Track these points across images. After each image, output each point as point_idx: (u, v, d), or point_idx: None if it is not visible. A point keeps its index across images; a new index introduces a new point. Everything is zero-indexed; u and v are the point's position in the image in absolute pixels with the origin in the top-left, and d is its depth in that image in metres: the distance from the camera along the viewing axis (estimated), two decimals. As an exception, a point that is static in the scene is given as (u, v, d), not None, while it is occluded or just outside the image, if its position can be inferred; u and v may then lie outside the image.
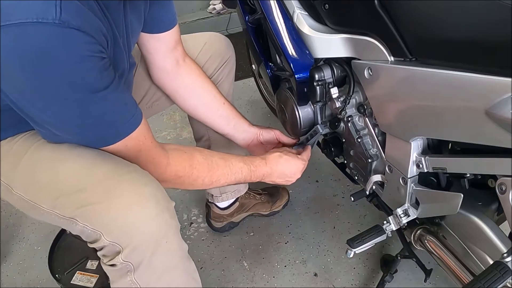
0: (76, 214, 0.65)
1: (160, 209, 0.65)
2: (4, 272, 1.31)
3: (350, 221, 1.36)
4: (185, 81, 0.98)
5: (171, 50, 0.93)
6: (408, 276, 1.17)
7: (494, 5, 0.59)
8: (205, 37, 1.09)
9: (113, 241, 0.63)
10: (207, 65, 1.07)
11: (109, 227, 0.63)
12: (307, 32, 0.94)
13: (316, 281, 1.20)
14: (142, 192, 0.64)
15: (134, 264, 0.65)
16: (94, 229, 0.64)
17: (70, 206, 0.65)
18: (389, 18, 0.74)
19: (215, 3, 2.73)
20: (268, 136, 1.07)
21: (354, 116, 0.96)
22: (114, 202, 0.62)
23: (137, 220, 0.63)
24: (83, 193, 0.64)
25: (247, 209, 1.36)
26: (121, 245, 0.63)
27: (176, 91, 1.00)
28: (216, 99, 1.01)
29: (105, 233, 0.63)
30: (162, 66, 0.95)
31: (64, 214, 0.66)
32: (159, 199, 0.66)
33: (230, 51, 1.13)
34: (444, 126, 0.69)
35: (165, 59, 0.94)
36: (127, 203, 0.62)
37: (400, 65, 0.74)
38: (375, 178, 0.95)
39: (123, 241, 0.63)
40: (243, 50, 2.03)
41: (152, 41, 0.90)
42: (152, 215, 0.64)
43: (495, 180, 0.66)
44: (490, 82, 0.57)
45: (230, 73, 1.14)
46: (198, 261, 1.29)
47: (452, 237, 0.85)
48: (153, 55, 0.93)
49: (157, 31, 0.88)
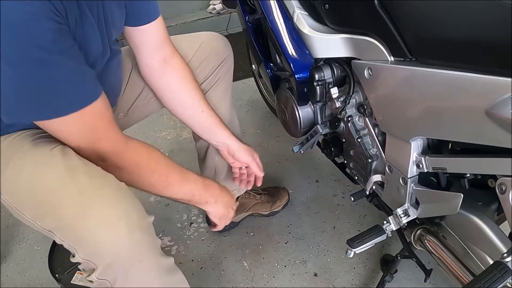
0: (53, 228, 0.65)
1: (131, 228, 0.63)
2: (4, 272, 1.31)
3: (350, 221, 1.36)
4: (170, 81, 0.97)
5: (158, 47, 0.93)
6: (408, 276, 1.17)
7: (494, 5, 0.59)
8: (201, 37, 1.09)
9: (87, 258, 0.63)
10: (204, 65, 1.06)
11: (82, 245, 0.62)
12: (307, 32, 0.94)
13: (316, 281, 1.20)
14: (114, 211, 0.63)
15: (110, 281, 0.65)
16: (69, 245, 0.64)
17: (47, 220, 0.65)
18: (389, 18, 0.74)
19: (215, 3, 2.73)
20: (241, 158, 1.08)
21: (354, 116, 0.96)
22: (86, 220, 0.62)
23: (107, 240, 0.62)
24: (58, 209, 0.63)
25: (247, 209, 1.36)
26: (94, 263, 0.63)
27: (160, 89, 1.00)
28: (195, 106, 1.00)
29: (79, 251, 0.63)
30: (149, 63, 0.95)
31: (43, 226, 0.66)
32: (131, 217, 0.64)
33: (228, 51, 1.12)
34: (444, 126, 0.69)
35: (152, 56, 0.93)
36: (98, 222, 0.62)
37: (400, 65, 0.74)
38: (375, 178, 0.95)
39: (96, 259, 0.63)
40: (243, 50, 2.04)
41: (137, 35, 0.90)
42: (122, 234, 0.62)
43: (495, 180, 0.66)
44: (490, 82, 0.57)
45: (228, 73, 1.14)
46: (198, 261, 1.29)
47: (452, 237, 0.85)
48: (140, 50, 0.93)
49: (139, 23, 0.88)
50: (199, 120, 1.03)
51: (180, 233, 1.39)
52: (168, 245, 1.35)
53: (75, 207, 0.62)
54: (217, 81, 1.11)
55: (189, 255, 1.31)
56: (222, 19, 2.70)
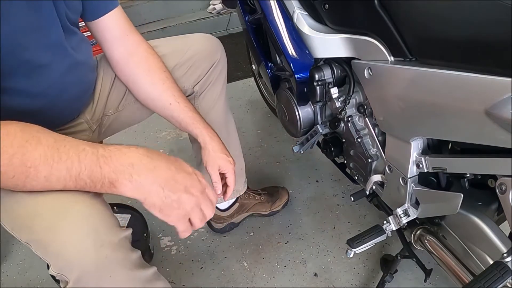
0: (29, 240, 0.65)
1: (99, 245, 0.61)
2: (4, 272, 1.31)
3: (350, 221, 1.36)
4: (133, 72, 0.94)
5: (118, 40, 0.92)
6: (408, 276, 1.17)
7: (494, 5, 0.59)
8: (193, 38, 1.08)
9: (59, 272, 0.62)
10: (196, 66, 1.06)
11: (53, 260, 0.62)
12: (307, 32, 0.94)
13: (316, 281, 1.20)
14: (83, 227, 0.61)
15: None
16: (44, 258, 0.64)
17: (24, 232, 0.65)
18: (389, 18, 0.74)
19: (215, 3, 2.73)
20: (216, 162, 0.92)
21: (354, 116, 0.97)
22: (56, 237, 0.61)
23: (75, 256, 0.61)
24: (32, 222, 0.63)
25: (247, 209, 1.36)
26: (66, 277, 0.62)
27: (126, 82, 0.97)
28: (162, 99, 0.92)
29: (52, 264, 0.62)
30: (111, 56, 0.93)
31: (21, 238, 0.66)
32: (100, 233, 0.62)
33: (220, 51, 1.10)
34: (444, 126, 0.69)
35: (114, 49, 0.92)
36: (66, 238, 0.60)
37: (400, 65, 0.74)
38: (375, 178, 0.95)
39: (66, 273, 0.62)
40: (243, 50, 2.04)
41: (98, 30, 0.90)
42: (90, 251, 0.61)
43: (495, 180, 0.66)
44: (490, 82, 0.57)
45: (222, 73, 1.13)
46: (198, 261, 1.29)
47: (452, 237, 0.84)
48: (102, 44, 0.92)
49: (96, 15, 0.87)
50: (168, 113, 0.95)
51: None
52: (168, 245, 1.35)
53: (47, 222, 0.62)
54: (211, 82, 1.10)
55: (189, 255, 1.31)
56: (222, 19, 2.70)
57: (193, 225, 0.65)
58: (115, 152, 0.59)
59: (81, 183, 0.58)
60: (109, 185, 0.58)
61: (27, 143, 0.55)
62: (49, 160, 0.56)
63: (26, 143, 0.55)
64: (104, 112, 1.01)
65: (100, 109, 1.00)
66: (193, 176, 0.64)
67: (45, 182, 0.57)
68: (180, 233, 0.64)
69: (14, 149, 0.54)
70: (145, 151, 0.61)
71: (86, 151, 0.58)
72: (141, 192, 0.59)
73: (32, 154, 0.55)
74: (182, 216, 0.62)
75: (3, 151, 0.54)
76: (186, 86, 1.06)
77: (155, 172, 0.60)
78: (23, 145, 0.55)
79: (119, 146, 0.60)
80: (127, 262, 0.66)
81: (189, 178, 0.63)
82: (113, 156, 0.58)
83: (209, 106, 1.13)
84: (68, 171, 0.57)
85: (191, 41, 1.07)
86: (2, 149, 0.53)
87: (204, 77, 1.08)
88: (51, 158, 0.56)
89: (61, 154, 0.57)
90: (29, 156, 0.55)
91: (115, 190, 0.59)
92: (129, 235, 0.67)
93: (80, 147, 0.58)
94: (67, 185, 0.58)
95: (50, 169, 0.56)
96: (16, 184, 0.57)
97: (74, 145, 0.58)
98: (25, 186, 0.58)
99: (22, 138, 0.55)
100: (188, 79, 1.05)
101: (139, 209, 1.30)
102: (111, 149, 0.59)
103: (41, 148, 0.56)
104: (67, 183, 0.58)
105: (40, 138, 0.56)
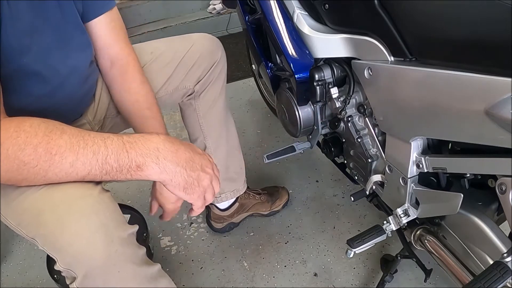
0: (35, 236, 0.65)
1: (109, 240, 0.62)
2: (4, 272, 1.31)
3: (350, 221, 1.36)
4: (113, 84, 0.95)
5: (102, 49, 0.91)
6: (408, 276, 1.17)
7: (494, 5, 0.59)
8: (193, 38, 1.08)
9: (66, 267, 0.62)
10: (196, 66, 1.06)
11: (61, 255, 0.62)
12: (307, 32, 0.94)
13: (316, 281, 1.20)
14: (91, 222, 0.62)
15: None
16: (51, 253, 0.64)
17: (30, 227, 0.65)
18: (389, 18, 0.74)
19: (215, 3, 2.73)
20: None
21: (354, 116, 0.97)
22: (64, 231, 0.61)
23: (84, 251, 0.61)
24: (39, 218, 0.63)
25: (247, 209, 1.36)
26: (74, 272, 0.63)
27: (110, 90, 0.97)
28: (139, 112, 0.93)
29: (59, 260, 0.62)
30: (98, 62, 0.94)
31: (27, 233, 0.66)
32: (109, 229, 0.63)
33: (220, 51, 1.11)
34: (444, 126, 0.69)
35: (99, 56, 0.92)
36: (75, 234, 0.61)
37: (400, 65, 0.74)
38: (375, 178, 0.95)
39: (74, 269, 0.62)
40: (243, 50, 2.04)
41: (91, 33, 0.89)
42: (98, 246, 0.61)
43: (495, 180, 0.66)
44: (490, 82, 0.57)
45: (222, 73, 1.13)
46: (198, 261, 1.29)
47: (452, 237, 0.85)
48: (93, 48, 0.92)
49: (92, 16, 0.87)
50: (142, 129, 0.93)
51: (180, 233, 1.39)
52: (168, 245, 1.35)
53: (55, 217, 0.62)
54: (211, 82, 1.11)
55: (189, 255, 1.31)
56: (222, 19, 2.70)
57: (206, 201, 0.68)
58: (139, 138, 0.61)
59: (107, 167, 0.58)
60: (136, 168, 0.59)
61: (51, 133, 0.56)
62: (75, 146, 0.57)
63: (50, 133, 0.56)
64: (107, 114, 1.02)
65: (102, 110, 1.00)
66: (205, 156, 0.68)
67: (70, 168, 0.57)
68: (197, 210, 0.68)
69: (39, 138, 0.55)
70: (165, 136, 0.64)
71: (111, 138, 0.59)
72: (168, 173, 0.61)
73: (57, 142, 0.56)
74: (201, 193, 0.66)
75: (28, 142, 0.54)
76: (187, 85, 1.07)
77: (177, 154, 0.62)
78: (48, 134, 0.56)
79: (140, 134, 0.63)
80: (136, 258, 0.67)
81: (202, 158, 0.67)
82: (137, 141, 0.60)
83: (209, 106, 1.13)
84: (95, 155, 0.57)
85: (192, 41, 1.07)
86: (26, 140, 0.54)
87: (204, 77, 1.08)
88: (76, 144, 0.57)
89: (87, 141, 0.58)
90: (54, 144, 0.56)
91: (141, 174, 0.60)
92: (135, 232, 0.68)
93: (105, 135, 0.60)
94: (92, 170, 0.58)
95: (76, 155, 0.57)
96: (37, 174, 0.57)
97: (98, 134, 0.59)
98: (45, 176, 0.58)
99: (46, 128, 0.56)
100: (189, 79, 1.06)
101: (139, 209, 1.30)
102: (135, 136, 0.61)
103: (66, 136, 0.57)
104: (92, 167, 0.58)
105: (64, 129, 0.58)
